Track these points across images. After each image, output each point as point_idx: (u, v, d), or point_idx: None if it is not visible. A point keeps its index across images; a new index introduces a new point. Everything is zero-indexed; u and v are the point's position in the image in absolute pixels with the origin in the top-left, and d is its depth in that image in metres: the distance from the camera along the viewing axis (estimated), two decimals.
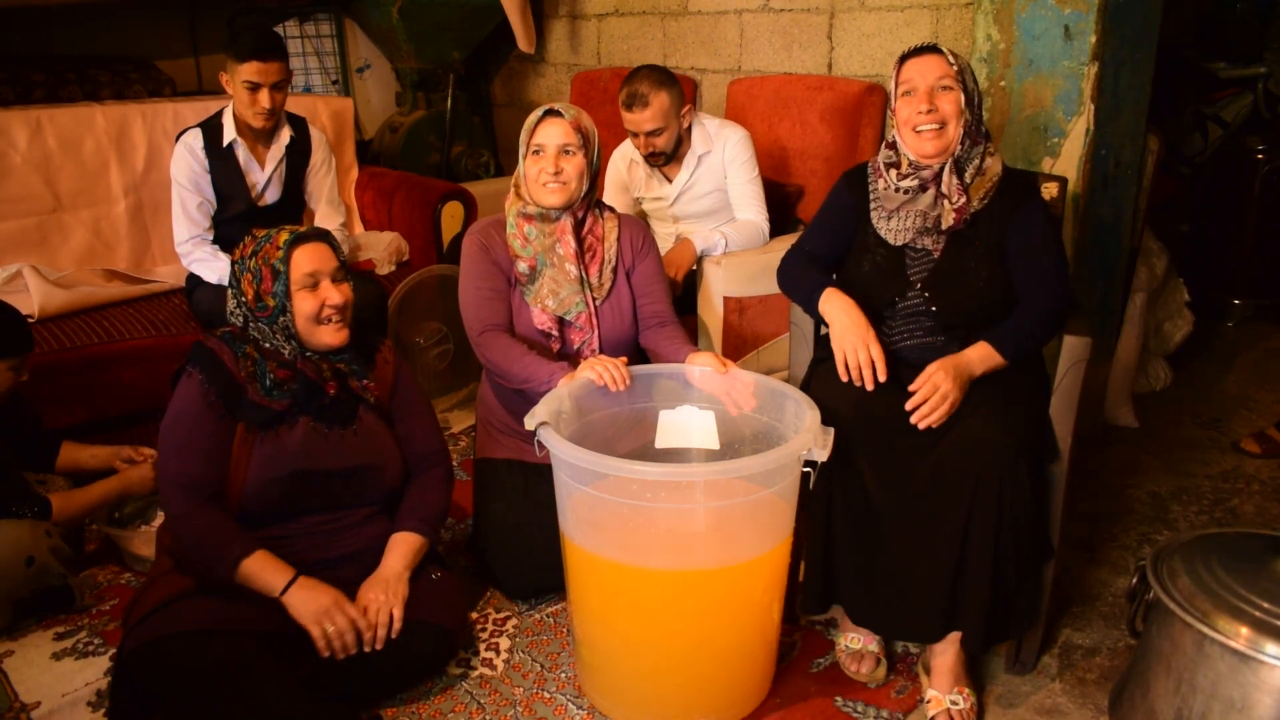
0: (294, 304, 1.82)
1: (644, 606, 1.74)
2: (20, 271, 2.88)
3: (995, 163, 1.89)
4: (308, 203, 3.03)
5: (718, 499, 1.75)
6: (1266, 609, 1.51)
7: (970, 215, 1.85)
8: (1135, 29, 2.48)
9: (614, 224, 2.22)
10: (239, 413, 1.80)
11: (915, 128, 1.83)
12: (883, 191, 1.91)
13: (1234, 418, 3.14)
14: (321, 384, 1.85)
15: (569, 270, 2.14)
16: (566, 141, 2.08)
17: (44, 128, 3.03)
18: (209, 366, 1.81)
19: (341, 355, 1.89)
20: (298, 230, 1.86)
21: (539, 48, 4.30)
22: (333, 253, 1.87)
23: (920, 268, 1.90)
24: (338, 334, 1.85)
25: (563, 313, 2.14)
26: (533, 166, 2.11)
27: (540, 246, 2.13)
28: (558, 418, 1.80)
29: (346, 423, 1.88)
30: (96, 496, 2.27)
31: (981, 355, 1.81)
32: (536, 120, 2.12)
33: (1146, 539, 2.45)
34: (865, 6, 3.14)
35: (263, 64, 2.69)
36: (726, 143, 2.79)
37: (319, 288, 1.83)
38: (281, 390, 1.82)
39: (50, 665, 1.99)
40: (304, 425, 1.83)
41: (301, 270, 1.82)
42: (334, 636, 1.72)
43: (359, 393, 1.89)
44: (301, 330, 1.83)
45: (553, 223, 2.13)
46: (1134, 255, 2.93)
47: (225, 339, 1.86)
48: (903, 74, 1.85)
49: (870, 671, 1.90)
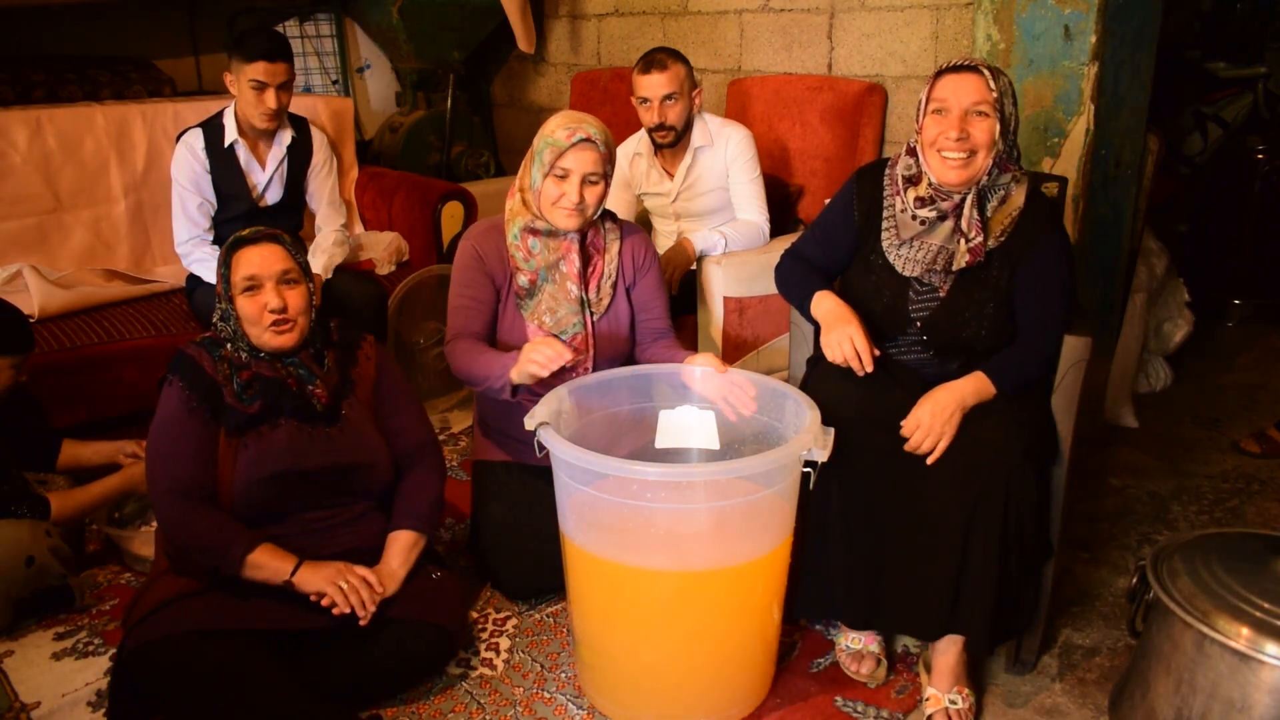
0: (236, 307, 1.83)
1: (644, 606, 1.74)
2: (20, 271, 2.88)
3: (1020, 192, 1.79)
4: (308, 204, 3.03)
5: (718, 499, 1.75)
6: (1266, 609, 1.51)
7: (985, 255, 1.78)
8: (1135, 29, 2.48)
9: (615, 235, 2.17)
10: (220, 416, 1.81)
11: (941, 151, 1.73)
12: (899, 215, 1.83)
13: (1234, 418, 3.14)
14: (284, 383, 1.85)
15: (570, 290, 2.10)
16: (593, 171, 2.01)
17: (44, 128, 3.03)
18: (189, 373, 1.82)
19: (291, 358, 1.87)
20: (241, 234, 1.86)
21: (539, 48, 4.30)
22: (284, 255, 1.85)
23: (923, 304, 1.85)
24: (279, 337, 1.83)
25: (558, 332, 2.09)
26: (553, 188, 2.01)
27: (543, 261, 2.09)
28: (557, 418, 1.80)
29: (330, 421, 1.87)
30: (97, 495, 2.26)
31: (976, 388, 1.78)
32: (567, 145, 1.98)
33: (1146, 539, 2.44)
34: (865, 6, 3.14)
35: (271, 64, 2.69)
36: (729, 141, 2.79)
37: (260, 290, 1.82)
38: (251, 393, 1.82)
39: (50, 665, 1.98)
40: (288, 426, 1.83)
41: (240, 273, 1.82)
42: (349, 590, 1.76)
43: (308, 397, 1.86)
44: (248, 332, 1.84)
45: (559, 239, 2.09)
46: (1134, 255, 2.93)
47: (205, 344, 1.87)
48: (937, 90, 1.74)
49: (871, 672, 1.89)
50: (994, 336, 1.83)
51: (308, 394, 1.86)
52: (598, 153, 2.00)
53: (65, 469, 2.40)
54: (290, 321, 1.83)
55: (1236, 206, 4.02)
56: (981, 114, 1.71)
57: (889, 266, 1.86)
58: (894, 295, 1.86)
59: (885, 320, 1.88)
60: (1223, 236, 4.09)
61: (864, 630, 1.91)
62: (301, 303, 1.85)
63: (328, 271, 2.88)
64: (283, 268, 1.84)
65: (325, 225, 3.02)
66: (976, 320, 1.82)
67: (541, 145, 2.02)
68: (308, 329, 1.88)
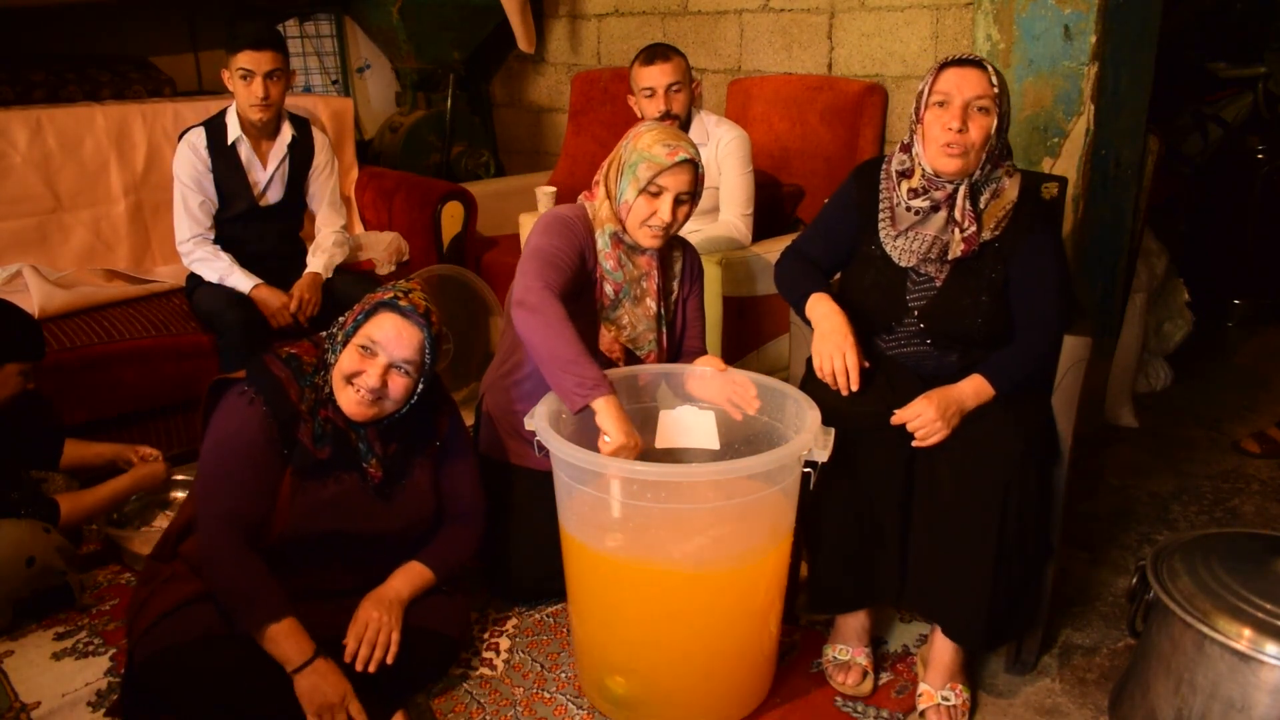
0: (342, 352, 1.74)
1: (644, 607, 1.74)
2: (20, 271, 2.87)
3: (1013, 186, 1.82)
4: (309, 204, 3.03)
5: (718, 499, 1.75)
6: (1267, 609, 1.51)
7: (979, 246, 1.80)
8: (1135, 29, 2.48)
9: (680, 252, 2.14)
10: (291, 452, 1.72)
11: (940, 142, 1.75)
12: (895, 208, 1.86)
13: (1234, 418, 3.14)
14: (349, 441, 1.77)
15: (650, 306, 2.06)
16: (686, 191, 1.93)
17: (44, 128, 3.03)
18: (275, 396, 1.71)
19: (360, 427, 1.77)
20: (412, 303, 1.74)
21: (539, 48, 4.30)
22: (418, 345, 1.73)
23: (920, 294, 1.86)
24: (357, 407, 1.72)
25: (635, 348, 2.06)
26: (644, 206, 1.92)
27: (628, 276, 2.02)
28: (558, 418, 1.80)
29: (390, 486, 1.81)
30: (106, 498, 2.26)
31: (975, 389, 1.79)
32: (670, 164, 1.89)
33: (1146, 539, 2.45)
34: (865, 6, 3.14)
35: (255, 52, 2.68)
36: (720, 140, 2.79)
37: (373, 358, 1.71)
38: (325, 438, 1.74)
39: (50, 665, 1.98)
40: (350, 482, 1.76)
41: (370, 334, 1.72)
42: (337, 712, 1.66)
43: (364, 468, 1.78)
44: (334, 380, 1.75)
45: (640, 255, 2.03)
46: (1134, 255, 2.93)
47: (292, 363, 1.76)
48: (940, 82, 1.76)
49: (856, 684, 1.88)
50: (990, 327, 1.84)
51: (363, 465, 1.79)
52: (694, 174, 1.95)
53: (67, 468, 2.40)
54: (379, 401, 1.74)
55: (1236, 206, 4.02)
56: (983, 109, 1.73)
57: (886, 257, 1.87)
58: (892, 286, 1.88)
59: (883, 310, 1.89)
60: (1223, 236, 4.09)
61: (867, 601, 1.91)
62: (402, 395, 1.75)
63: (328, 271, 2.89)
64: (405, 356, 1.73)
65: (325, 226, 3.02)
66: (973, 310, 1.83)
67: (636, 159, 1.93)
68: (390, 415, 1.78)
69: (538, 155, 4.58)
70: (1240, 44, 4.33)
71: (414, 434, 1.86)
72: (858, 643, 1.92)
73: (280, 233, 2.96)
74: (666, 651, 1.76)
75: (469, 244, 3.35)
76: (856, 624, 1.93)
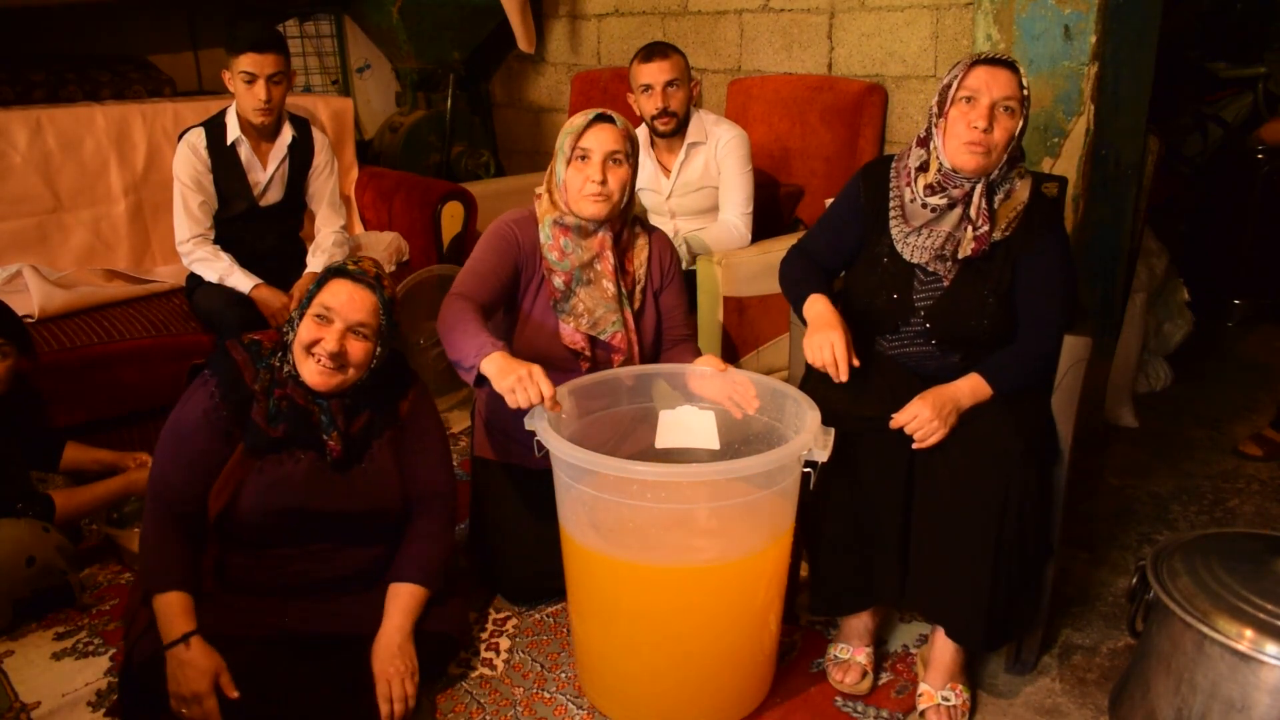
0: (300, 324, 1.77)
1: (644, 607, 1.74)
2: (20, 271, 2.88)
3: (1024, 188, 1.82)
4: (309, 204, 3.03)
5: (718, 499, 1.75)
6: (1267, 609, 1.51)
7: (989, 246, 1.80)
8: (1135, 29, 2.48)
9: (644, 241, 2.15)
10: (244, 431, 1.76)
11: (965, 140, 1.73)
12: (908, 203, 1.84)
13: (1234, 418, 3.14)
14: (309, 417, 1.79)
15: (606, 287, 2.05)
16: (615, 149, 1.96)
17: (44, 128, 3.03)
18: (226, 377, 1.77)
19: (323, 399, 1.79)
20: (359, 269, 1.79)
21: (539, 48, 4.30)
22: (373, 308, 1.77)
23: (927, 293, 1.86)
24: (319, 376, 1.75)
25: (597, 332, 2.06)
26: (575, 175, 1.98)
27: (577, 261, 2.04)
28: (557, 418, 1.80)
29: (349, 465, 1.82)
30: (101, 495, 2.28)
31: (972, 388, 1.79)
32: (585, 124, 1.97)
33: (1146, 539, 2.45)
34: (865, 6, 3.14)
35: (258, 55, 2.68)
36: (720, 139, 2.80)
37: (329, 325, 1.75)
38: (280, 416, 1.77)
39: (50, 665, 1.98)
40: (307, 460, 1.78)
41: (324, 301, 1.76)
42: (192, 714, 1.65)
43: (323, 441, 1.79)
44: (295, 354, 1.78)
45: (591, 236, 2.04)
46: (1134, 255, 2.93)
47: (252, 348, 1.81)
48: (969, 79, 1.74)
49: (855, 683, 1.88)
50: (995, 328, 1.84)
51: (322, 439, 1.80)
52: (616, 129, 1.97)
53: (67, 471, 2.41)
54: (342, 368, 1.77)
55: (1236, 206, 4.02)
56: (1009, 110, 1.73)
57: (895, 257, 1.87)
58: (899, 285, 1.88)
59: (890, 309, 1.89)
60: (1223, 236, 4.09)
61: (867, 602, 1.91)
62: (361, 358, 1.78)
63: None
64: (360, 319, 1.76)
65: (325, 226, 3.02)
66: (979, 311, 1.83)
67: (561, 137, 2.01)
68: (354, 383, 1.80)
69: (538, 155, 4.58)
70: (1240, 44, 4.33)
71: (377, 411, 1.88)
72: (860, 642, 1.93)
73: (280, 233, 2.96)
74: (666, 651, 1.76)
75: (469, 244, 3.35)
76: (860, 624, 1.93)
